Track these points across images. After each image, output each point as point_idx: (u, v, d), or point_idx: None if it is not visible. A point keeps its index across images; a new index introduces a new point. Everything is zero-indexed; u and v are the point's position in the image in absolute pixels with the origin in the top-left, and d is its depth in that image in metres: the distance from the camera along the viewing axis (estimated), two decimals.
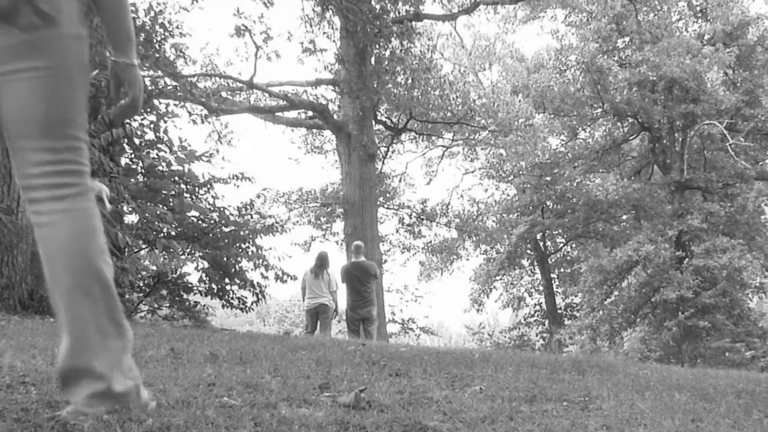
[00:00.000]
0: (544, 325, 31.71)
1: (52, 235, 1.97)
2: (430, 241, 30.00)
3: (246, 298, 11.51)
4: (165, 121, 11.40)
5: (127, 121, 10.74)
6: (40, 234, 1.99)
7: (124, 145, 10.81)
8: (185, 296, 11.01)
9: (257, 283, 11.55)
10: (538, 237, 31.33)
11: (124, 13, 2.12)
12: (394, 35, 17.53)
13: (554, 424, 2.53)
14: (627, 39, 25.69)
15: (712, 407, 3.03)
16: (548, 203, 29.56)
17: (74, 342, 1.99)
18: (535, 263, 32.62)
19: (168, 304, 11.01)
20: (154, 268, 10.86)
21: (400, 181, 29.26)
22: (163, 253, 9.98)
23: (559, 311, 31.40)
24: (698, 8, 25.88)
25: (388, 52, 18.37)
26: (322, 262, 11.97)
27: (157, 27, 11.98)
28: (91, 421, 1.97)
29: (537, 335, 32.31)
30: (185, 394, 2.49)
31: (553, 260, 32.70)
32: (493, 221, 30.49)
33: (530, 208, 29.05)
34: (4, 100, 1.92)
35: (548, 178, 27.86)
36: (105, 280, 2.02)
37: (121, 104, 2.24)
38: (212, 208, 11.37)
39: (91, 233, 2.00)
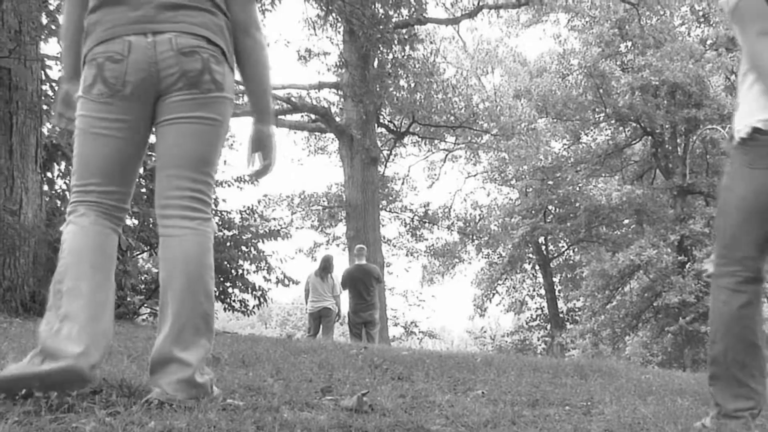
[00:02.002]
0: (546, 329, 31.69)
1: (177, 245, 2.41)
2: (433, 245, 30.01)
3: (248, 301, 11.51)
4: None
5: None
6: (167, 243, 2.43)
7: None
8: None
9: (259, 286, 11.54)
10: (541, 241, 31.32)
11: (266, 87, 2.70)
12: (396, 41, 17.54)
13: (556, 428, 2.52)
14: (630, 43, 25.70)
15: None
16: (550, 207, 29.55)
17: (173, 333, 2.34)
18: (537, 267, 32.61)
19: None
20: (156, 270, 10.87)
21: (402, 184, 29.27)
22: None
23: (561, 315, 31.39)
24: (701, 13, 25.88)
25: (390, 56, 18.38)
26: (326, 265, 11.98)
27: None
28: (94, 424, 1.97)
29: (539, 339, 32.29)
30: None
31: (555, 264, 32.68)
32: (496, 225, 30.49)
33: (532, 212, 29.04)
34: (167, 138, 2.45)
35: (551, 182, 27.86)
36: (209, 290, 2.43)
37: (261, 167, 2.71)
38: (214, 212, 11.38)
39: (207, 252, 2.44)
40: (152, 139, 2.57)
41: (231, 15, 2.56)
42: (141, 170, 9.36)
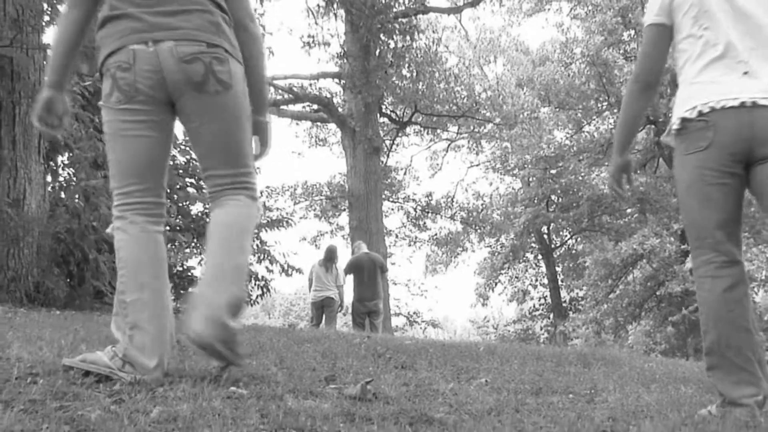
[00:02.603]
0: (549, 318, 31.71)
1: (226, 209, 2.69)
2: (435, 234, 30.02)
3: (251, 291, 11.52)
4: None
5: None
6: (215, 211, 2.72)
7: None
8: (190, 289, 11.03)
9: (262, 276, 11.56)
10: (543, 230, 31.31)
11: (263, 79, 2.85)
12: (397, 31, 17.49)
13: (560, 416, 2.52)
14: (632, 32, 25.58)
15: (716, 399, 3.02)
16: (553, 197, 29.52)
17: (207, 279, 2.60)
18: (540, 257, 32.61)
19: (173, 297, 11.02)
20: None
21: (405, 174, 29.26)
22: (168, 245, 10.00)
23: (564, 305, 31.40)
24: None
25: (392, 46, 18.33)
26: (331, 255, 11.99)
27: None
28: (99, 412, 1.98)
29: (541, 329, 32.33)
30: (192, 385, 2.49)
31: (558, 254, 32.67)
32: (498, 214, 30.48)
33: (535, 201, 29.02)
34: (199, 141, 2.70)
35: (553, 172, 27.81)
36: (245, 246, 2.69)
37: (258, 153, 2.93)
38: None
39: (251, 217, 2.74)
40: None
41: (230, 9, 2.71)
42: None
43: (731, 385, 2.56)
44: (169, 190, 10.55)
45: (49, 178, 9.01)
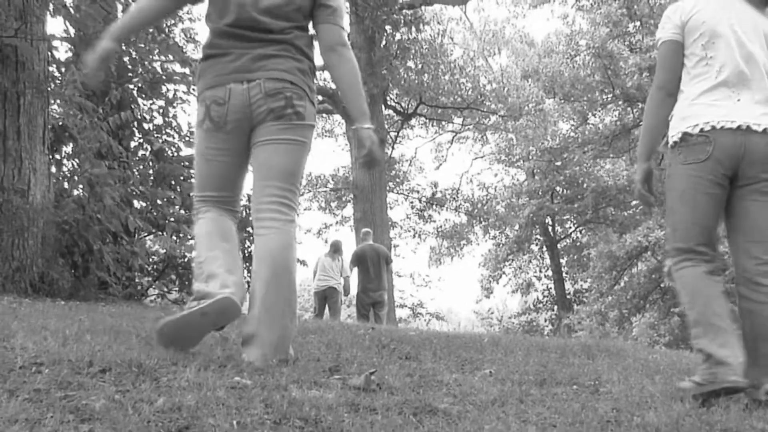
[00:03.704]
0: (553, 310, 31.71)
1: (265, 243, 2.98)
2: (440, 226, 30.02)
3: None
4: (174, 107, 11.39)
5: (136, 105, 10.76)
6: (258, 241, 3.01)
7: (134, 129, 10.82)
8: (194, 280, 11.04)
9: None
10: (548, 222, 31.29)
11: (358, 93, 3.18)
12: (403, 23, 17.44)
13: (564, 407, 2.53)
14: (638, 23, 25.48)
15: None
16: (558, 188, 29.48)
17: (260, 315, 2.91)
18: (545, 249, 32.59)
19: (177, 288, 11.04)
20: (164, 252, 10.89)
21: (409, 165, 29.24)
22: (173, 237, 10.00)
23: (568, 297, 31.40)
24: None
25: (397, 37, 18.29)
26: (336, 248, 12.02)
27: None
28: (103, 401, 1.98)
29: (546, 321, 32.34)
30: (196, 375, 2.50)
31: (562, 246, 32.64)
32: (503, 206, 30.46)
33: (539, 193, 28.98)
34: (260, 156, 3.06)
35: (558, 163, 27.77)
36: (292, 279, 3.00)
37: (363, 159, 3.22)
38: None
39: (290, 247, 3.01)
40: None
41: (320, 38, 3.15)
42: (147, 152, 9.28)
43: (718, 347, 2.77)
44: (173, 181, 10.56)
45: (53, 169, 9.01)
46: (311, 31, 3.21)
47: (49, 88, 8.22)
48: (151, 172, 10.64)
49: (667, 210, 3.06)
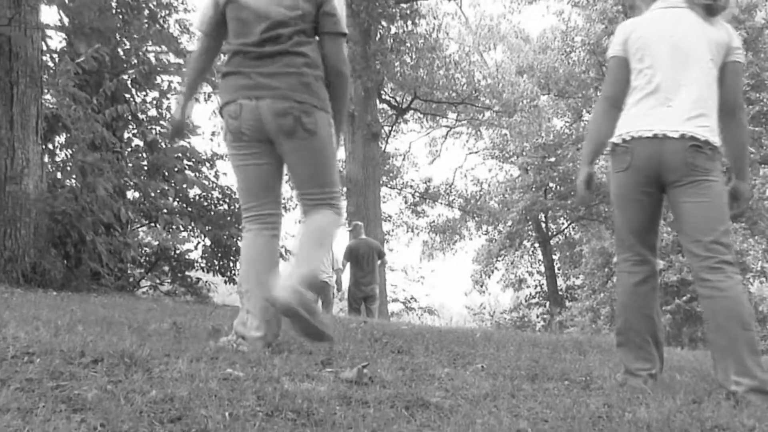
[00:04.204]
0: (545, 306, 31.74)
1: (311, 220, 3.31)
2: (434, 221, 30.02)
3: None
4: (168, 98, 11.35)
5: (130, 96, 10.71)
6: (306, 219, 3.32)
7: (128, 120, 10.79)
8: (187, 272, 11.03)
9: None
10: (541, 218, 31.31)
11: (344, 108, 3.51)
12: (398, 16, 17.41)
13: (556, 402, 2.53)
14: None
15: (713, 388, 3.03)
16: (551, 184, 29.49)
17: (295, 263, 3.18)
18: (537, 245, 32.62)
19: (170, 280, 11.03)
20: (157, 243, 10.87)
21: (403, 160, 29.22)
22: (165, 229, 9.98)
23: (561, 293, 31.42)
24: None
25: (392, 30, 18.26)
26: None
27: (161, 3, 11.89)
28: (95, 391, 1.98)
29: (538, 317, 32.37)
30: (188, 366, 2.50)
31: (555, 242, 32.68)
32: (496, 201, 30.47)
33: (533, 188, 29.00)
34: (294, 173, 3.37)
35: (552, 159, 27.78)
36: (325, 241, 3.38)
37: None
38: (214, 185, 11.36)
39: (332, 225, 3.36)
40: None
41: (325, 53, 3.36)
42: (142, 143, 9.25)
43: (632, 359, 3.15)
44: (166, 173, 10.53)
45: (46, 159, 8.98)
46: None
47: (42, 78, 8.18)
48: (144, 163, 10.61)
49: (613, 211, 3.35)
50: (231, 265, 11.19)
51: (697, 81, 3.08)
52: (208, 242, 10.97)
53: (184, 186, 10.65)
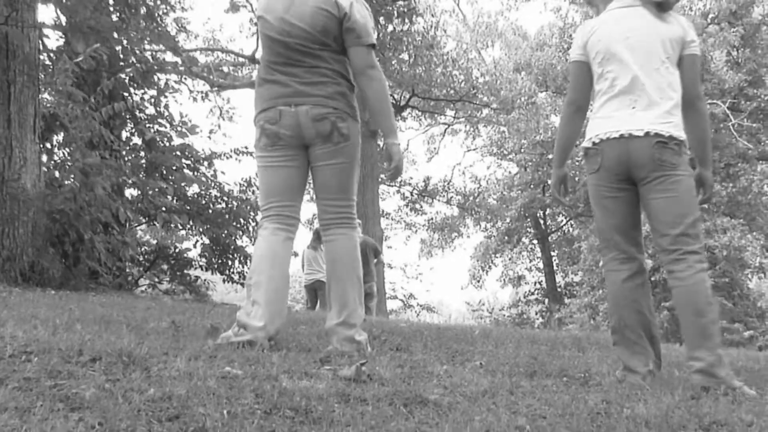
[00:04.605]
0: (544, 303, 31.76)
1: (336, 247, 3.55)
2: (432, 218, 30.02)
3: (246, 273, 11.52)
4: (166, 96, 11.35)
5: (128, 94, 10.71)
6: (328, 247, 3.58)
7: (126, 119, 10.78)
8: (185, 271, 11.03)
9: None
10: (539, 215, 31.32)
11: (386, 111, 3.59)
12: (396, 14, 17.39)
13: (554, 398, 2.53)
14: None
15: (711, 384, 3.03)
16: (549, 181, 29.48)
17: (338, 306, 3.49)
18: (536, 241, 32.63)
19: (168, 279, 11.03)
20: (155, 242, 10.87)
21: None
22: (164, 227, 9.98)
23: (559, 290, 31.44)
24: None
25: (390, 29, 18.23)
26: (319, 236, 11.97)
27: (158, 2, 11.89)
28: (93, 390, 1.97)
29: (536, 313, 32.38)
30: (187, 365, 2.50)
31: (553, 239, 32.69)
32: (494, 199, 30.47)
33: (531, 185, 29.00)
34: (318, 177, 3.55)
35: (550, 156, 27.75)
36: (359, 275, 3.56)
37: (391, 171, 3.64)
38: (213, 184, 11.36)
39: (354, 249, 3.57)
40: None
41: (351, 62, 3.52)
42: (140, 141, 9.25)
43: (629, 356, 3.21)
44: (165, 172, 10.53)
45: (44, 158, 8.97)
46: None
47: (40, 77, 8.17)
48: (142, 161, 10.60)
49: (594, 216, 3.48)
50: (229, 263, 11.19)
51: (657, 80, 3.19)
52: (206, 240, 10.97)
53: (183, 184, 10.66)
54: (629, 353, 3.20)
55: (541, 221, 32.03)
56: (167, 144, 10.93)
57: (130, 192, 10.37)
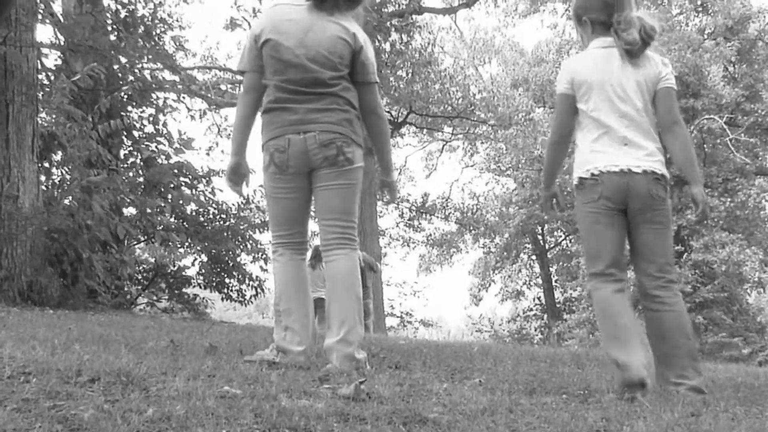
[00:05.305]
0: (543, 319, 31.71)
1: (334, 268, 3.61)
2: (430, 235, 30.01)
3: (245, 291, 11.52)
4: (164, 114, 11.37)
5: (126, 113, 10.73)
6: (329, 267, 3.64)
7: (123, 137, 10.80)
8: (184, 289, 11.01)
9: (256, 276, 11.54)
10: (538, 231, 31.31)
11: (386, 149, 3.91)
12: (394, 29, 17.46)
13: (554, 416, 2.53)
14: None
15: (711, 401, 3.03)
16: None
17: (337, 325, 3.52)
18: (534, 257, 32.61)
19: (167, 297, 11.01)
20: (153, 260, 10.86)
21: (400, 174, 29.23)
22: (162, 245, 9.98)
23: (558, 305, 31.39)
24: (699, 2, 25.78)
25: (388, 46, 18.30)
26: (317, 254, 11.95)
27: (156, 21, 11.94)
28: (92, 411, 1.97)
29: (536, 329, 32.32)
30: (185, 384, 2.49)
31: (552, 254, 32.68)
32: (492, 215, 30.47)
33: (529, 202, 29.03)
34: (321, 198, 3.62)
35: None
36: (358, 294, 3.61)
37: (389, 200, 4.29)
38: (211, 202, 11.36)
39: (354, 270, 3.64)
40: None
41: (362, 98, 3.68)
42: (138, 160, 9.27)
43: (623, 355, 3.27)
44: (163, 190, 10.53)
45: (42, 177, 8.98)
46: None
47: (38, 96, 8.19)
48: (140, 180, 10.61)
49: (581, 239, 3.76)
50: (227, 281, 11.18)
51: (640, 122, 3.46)
52: (204, 258, 10.96)
53: (181, 202, 10.66)
54: (624, 352, 3.29)
55: (540, 237, 32.03)
56: (165, 162, 10.94)
57: (128, 210, 10.37)
